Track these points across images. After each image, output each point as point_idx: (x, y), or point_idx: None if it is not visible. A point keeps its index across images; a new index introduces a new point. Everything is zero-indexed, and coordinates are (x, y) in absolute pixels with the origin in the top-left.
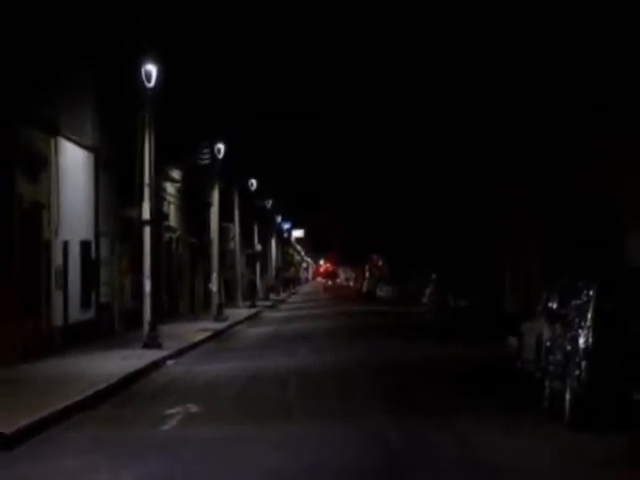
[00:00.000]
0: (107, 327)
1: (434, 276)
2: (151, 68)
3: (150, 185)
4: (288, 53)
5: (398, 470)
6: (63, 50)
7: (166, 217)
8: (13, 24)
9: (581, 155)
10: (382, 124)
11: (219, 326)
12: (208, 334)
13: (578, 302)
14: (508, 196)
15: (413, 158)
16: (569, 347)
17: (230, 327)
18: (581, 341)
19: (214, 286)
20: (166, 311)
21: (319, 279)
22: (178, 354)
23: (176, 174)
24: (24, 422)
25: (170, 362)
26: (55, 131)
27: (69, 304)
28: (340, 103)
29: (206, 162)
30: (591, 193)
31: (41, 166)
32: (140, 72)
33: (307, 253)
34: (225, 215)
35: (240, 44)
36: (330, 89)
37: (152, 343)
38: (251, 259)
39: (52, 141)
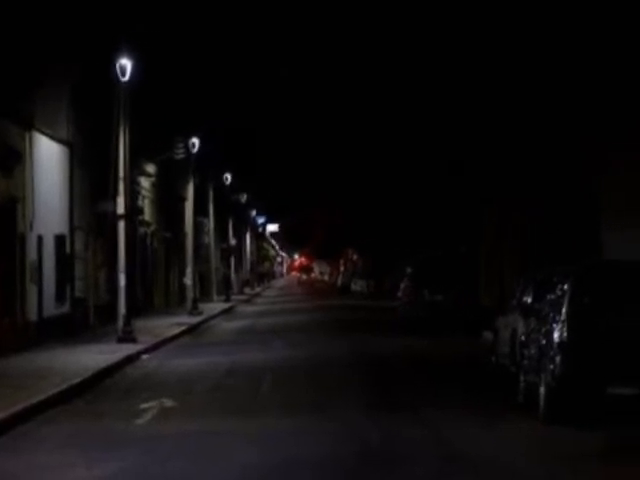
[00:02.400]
0: (82, 322)
1: (409, 270)
2: (126, 62)
3: (125, 179)
4: (264, 48)
5: (373, 464)
6: (38, 44)
7: (141, 211)
8: None
9: (560, 152)
10: (358, 116)
11: (194, 320)
12: (183, 328)
13: (553, 296)
14: (484, 190)
15: (389, 151)
16: (544, 341)
17: (205, 321)
18: (556, 335)
19: (189, 280)
20: (141, 305)
21: (294, 273)
22: (153, 348)
23: (151, 168)
24: None
25: (145, 356)
26: (30, 125)
27: (44, 298)
28: (315, 95)
29: (181, 156)
30: (569, 190)
31: (15, 160)
32: (115, 66)
33: (282, 247)
34: (200, 209)
35: (215, 37)
36: (306, 80)
37: (127, 337)
38: (226, 253)
39: (27, 135)
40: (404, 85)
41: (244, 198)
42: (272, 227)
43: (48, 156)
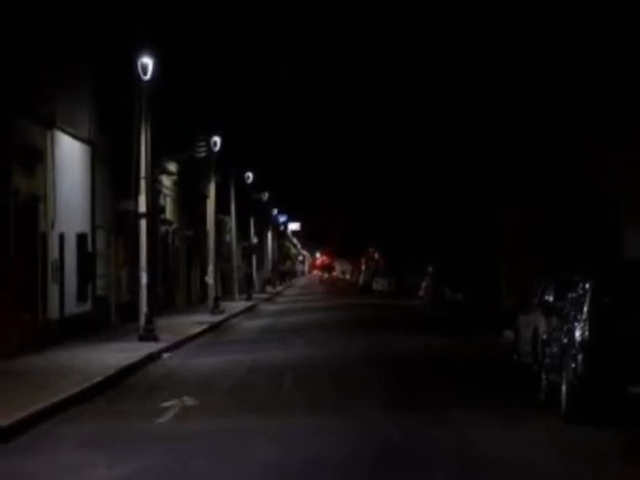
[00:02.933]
0: (103, 320)
1: (430, 269)
2: (147, 61)
3: (146, 178)
4: (285, 46)
5: (395, 463)
6: (60, 43)
7: (162, 210)
8: (10, 17)
9: (579, 150)
10: (379, 117)
11: (215, 319)
12: (204, 327)
13: (574, 295)
14: (505, 190)
15: (410, 150)
16: (565, 340)
17: (226, 320)
18: (577, 334)
19: (210, 279)
20: (162, 304)
21: (315, 272)
22: (174, 347)
23: (172, 167)
24: (20, 415)
25: (166, 355)
26: (51, 124)
27: (65, 297)
28: (337, 95)
29: (202, 155)
30: (589, 188)
31: (37, 159)
32: (136, 65)
33: (303, 246)
34: (221, 208)
35: (238, 36)
36: (327, 82)
37: (148, 336)
38: (247, 252)
39: (48, 134)
40: (426, 86)
41: (265, 196)
42: (294, 225)
43: (70, 155)
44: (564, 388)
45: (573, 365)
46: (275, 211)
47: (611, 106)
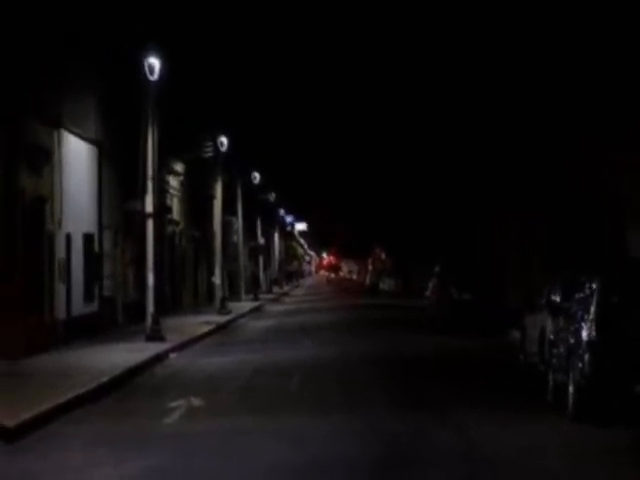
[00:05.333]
0: (110, 320)
1: (437, 269)
2: (154, 61)
3: (153, 178)
4: (292, 48)
5: (401, 463)
6: (66, 43)
7: (169, 210)
8: (17, 17)
9: (583, 150)
10: (384, 119)
11: (222, 319)
12: (211, 327)
13: (581, 295)
14: (510, 189)
15: (416, 150)
16: (572, 340)
17: (233, 320)
18: (584, 334)
19: (217, 279)
20: (169, 304)
21: (322, 272)
22: (181, 347)
23: (179, 167)
24: (27, 415)
25: (173, 355)
26: (58, 124)
27: (72, 297)
28: (343, 96)
29: (209, 155)
30: (593, 188)
31: (44, 159)
32: (143, 65)
33: (310, 246)
34: (228, 208)
35: (244, 37)
36: (333, 83)
37: (155, 336)
38: (254, 252)
39: (55, 134)
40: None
41: (272, 197)
42: (300, 226)
43: (76, 155)
44: (571, 388)
45: (580, 365)
46: (282, 211)
47: (612, 106)
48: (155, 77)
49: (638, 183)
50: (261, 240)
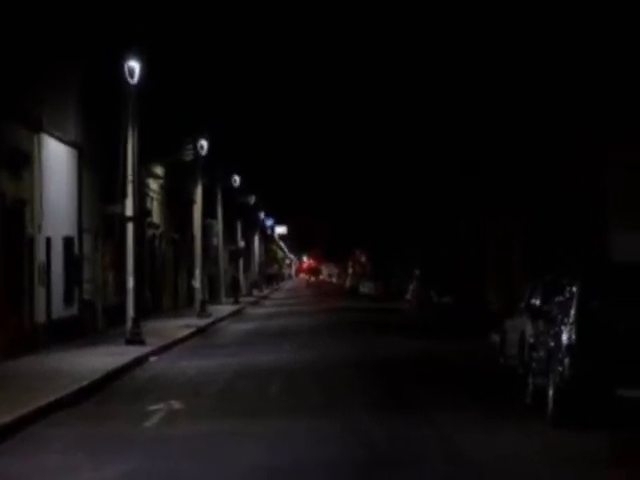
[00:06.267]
0: (90, 324)
1: (417, 273)
2: (134, 64)
3: (133, 181)
4: (270, 51)
5: (382, 467)
6: (47, 46)
7: (149, 213)
8: None
9: (565, 152)
10: (364, 121)
11: (202, 322)
12: (191, 330)
13: (561, 299)
14: (491, 192)
15: (396, 154)
16: (552, 343)
17: (213, 323)
18: (564, 337)
19: (197, 282)
20: (149, 307)
21: (302, 275)
22: (161, 350)
23: (159, 170)
24: (6, 419)
25: (153, 358)
26: (38, 127)
27: (52, 300)
28: (323, 99)
29: (189, 158)
30: (575, 190)
31: (24, 162)
32: (123, 68)
33: (290, 249)
34: (208, 211)
35: (224, 40)
36: (312, 87)
37: (135, 339)
38: (234, 255)
39: (35, 137)
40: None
41: (253, 200)
42: (281, 229)
43: (56, 158)
44: (551, 392)
45: (560, 368)
46: (262, 215)
47: (596, 107)
48: (135, 80)
49: (621, 182)
50: (241, 243)
